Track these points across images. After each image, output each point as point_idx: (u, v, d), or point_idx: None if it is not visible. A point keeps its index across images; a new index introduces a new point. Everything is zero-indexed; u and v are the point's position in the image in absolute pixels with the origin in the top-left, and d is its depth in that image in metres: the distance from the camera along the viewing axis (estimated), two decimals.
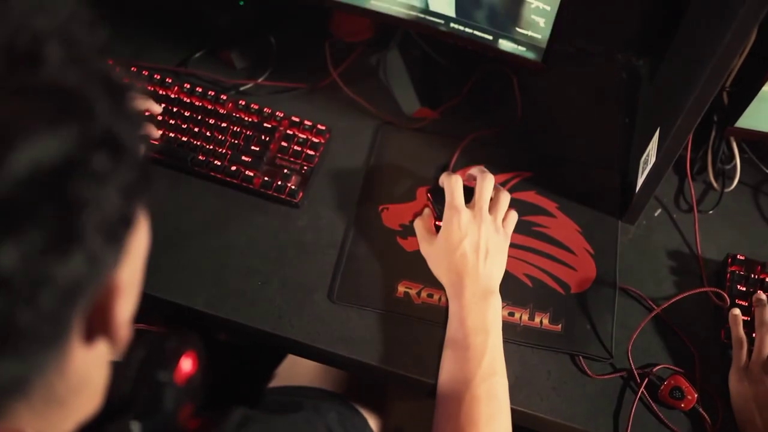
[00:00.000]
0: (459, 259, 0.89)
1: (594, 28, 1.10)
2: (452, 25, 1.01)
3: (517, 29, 0.97)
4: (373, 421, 1.07)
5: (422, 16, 1.02)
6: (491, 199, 0.94)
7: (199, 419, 0.59)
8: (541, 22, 0.95)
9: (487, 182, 0.94)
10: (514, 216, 0.96)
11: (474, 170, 0.97)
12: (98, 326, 0.44)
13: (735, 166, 1.04)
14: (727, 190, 1.04)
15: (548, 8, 0.93)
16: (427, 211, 0.97)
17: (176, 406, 0.54)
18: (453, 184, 0.93)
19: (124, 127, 0.41)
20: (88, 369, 0.47)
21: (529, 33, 0.97)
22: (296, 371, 1.10)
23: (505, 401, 0.84)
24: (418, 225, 0.96)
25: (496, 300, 0.89)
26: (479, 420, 0.80)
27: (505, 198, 0.95)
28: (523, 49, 1.00)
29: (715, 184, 1.04)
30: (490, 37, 1.00)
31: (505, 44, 1.00)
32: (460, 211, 0.91)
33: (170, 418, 0.54)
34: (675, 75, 0.94)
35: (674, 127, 0.85)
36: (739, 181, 1.04)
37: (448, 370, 0.86)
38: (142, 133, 0.45)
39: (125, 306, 0.45)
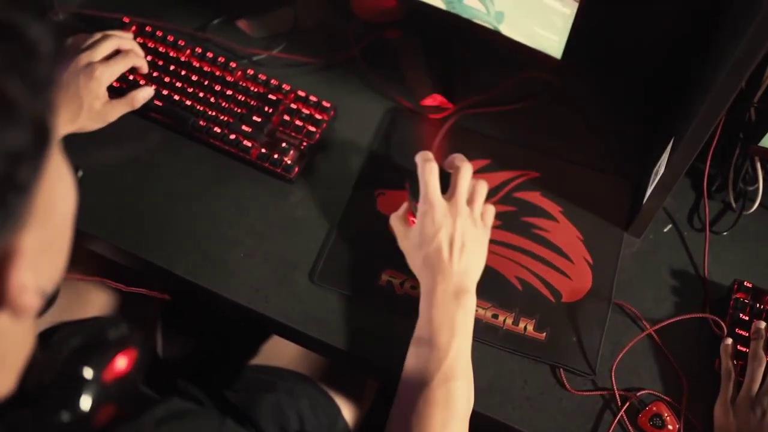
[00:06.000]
0: (433, 254, 0.84)
1: (623, 32, 1.04)
2: (474, 15, 0.98)
3: (536, 28, 0.94)
4: (347, 411, 1.04)
5: (447, 3, 0.99)
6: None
7: (122, 415, 0.56)
8: (560, 22, 0.91)
9: (465, 172, 0.88)
10: (491, 209, 0.90)
11: (454, 158, 0.90)
12: None
13: (757, 188, 0.97)
14: (746, 212, 0.98)
15: (567, 11, 0.90)
16: (404, 205, 0.91)
17: (95, 406, 0.51)
18: (427, 175, 0.87)
19: (19, 85, 0.38)
20: None
21: (547, 33, 0.93)
22: (277, 352, 1.08)
23: (463, 408, 0.80)
24: (394, 220, 0.91)
25: (469, 300, 0.84)
26: (432, 424, 0.77)
27: (483, 188, 0.89)
28: (543, 46, 0.96)
29: (734, 205, 0.98)
30: (510, 32, 0.96)
31: (525, 39, 0.97)
32: (434, 204, 0.86)
33: (85, 417, 0.51)
34: (694, 84, 0.88)
35: (684, 137, 0.80)
36: (760, 204, 0.98)
37: (409, 368, 0.82)
38: (46, 97, 0.41)
39: (28, 273, 0.42)
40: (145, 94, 0.99)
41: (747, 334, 0.88)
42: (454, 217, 0.85)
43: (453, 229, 0.85)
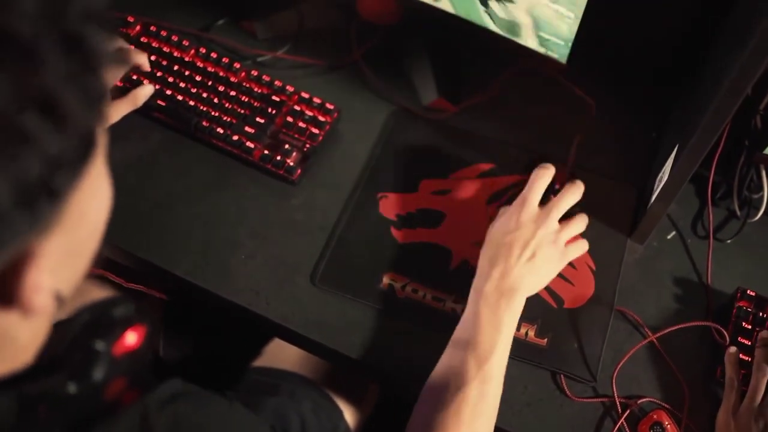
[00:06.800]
0: (501, 248, 0.84)
1: (631, 36, 1.04)
2: (481, 18, 0.97)
3: (541, 33, 0.93)
4: (349, 414, 1.04)
5: (453, 6, 0.98)
6: (568, 217, 0.88)
7: (133, 390, 0.57)
8: (566, 27, 0.91)
9: (572, 193, 0.88)
10: (583, 244, 0.90)
11: (572, 180, 0.90)
12: (8, 292, 0.42)
13: (762, 196, 0.96)
14: (750, 220, 0.97)
15: (571, 15, 0.89)
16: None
17: (105, 378, 0.52)
18: (538, 177, 0.88)
19: (75, 96, 0.39)
20: (4, 331, 0.45)
21: (553, 37, 0.93)
22: (280, 354, 1.07)
23: (495, 406, 0.79)
24: (501, 209, 0.90)
25: (518, 303, 0.82)
26: (462, 419, 0.76)
27: (582, 222, 0.89)
28: (548, 49, 0.95)
29: (738, 213, 0.97)
30: (518, 35, 0.96)
31: (529, 42, 0.96)
32: (526, 204, 0.86)
33: (96, 389, 0.52)
34: (700, 90, 0.88)
35: (689, 144, 0.80)
36: (765, 213, 0.97)
37: (447, 360, 0.81)
38: (97, 110, 0.42)
39: (46, 275, 0.43)
40: (146, 91, 0.99)
41: (749, 343, 0.87)
42: (538, 226, 0.85)
43: (531, 236, 0.84)
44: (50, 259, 0.43)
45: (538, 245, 0.84)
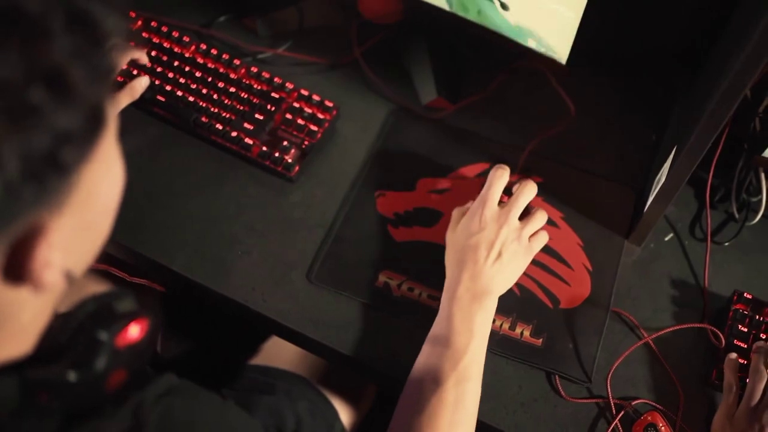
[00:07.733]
0: (468, 251, 0.85)
1: (631, 37, 1.04)
2: (481, 18, 0.97)
3: (541, 32, 0.93)
4: (345, 414, 1.04)
5: (453, 5, 0.98)
6: (528, 213, 0.89)
7: (132, 383, 0.57)
8: (565, 27, 0.91)
9: (528, 189, 0.89)
10: (544, 236, 0.90)
11: (524, 177, 0.92)
12: (19, 267, 0.43)
13: (761, 199, 0.96)
14: (748, 223, 0.97)
15: (571, 15, 0.89)
16: (470, 202, 0.91)
17: (107, 369, 0.52)
18: (495, 177, 0.89)
19: (82, 71, 0.41)
20: (10, 307, 0.46)
21: (552, 37, 0.93)
22: (277, 352, 1.08)
23: (473, 411, 0.79)
24: (455, 211, 0.91)
25: (491, 304, 0.83)
26: (441, 425, 0.76)
27: (542, 217, 0.90)
28: (548, 49, 0.95)
29: (736, 215, 0.97)
30: (517, 34, 0.96)
31: (531, 42, 0.96)
32: (486, 205, 0.87)
33: (97, 378, 0.52)
34: (699, 91, 0.88)
35: (687, 146, 0.80)
36: (763, 216, 0.97)
37: (422, 364, 0.81)
38: (104, 86, 0.44)
39: (57, 252, 0.44)
40: (143, 83, 1.00)
41: (745, 346, 0.87)
42: (501, 225, 0.86)
43: (495, 236, 0.85)
44: (61, 236, 0.44)
45: (503, 244, 0.85)
